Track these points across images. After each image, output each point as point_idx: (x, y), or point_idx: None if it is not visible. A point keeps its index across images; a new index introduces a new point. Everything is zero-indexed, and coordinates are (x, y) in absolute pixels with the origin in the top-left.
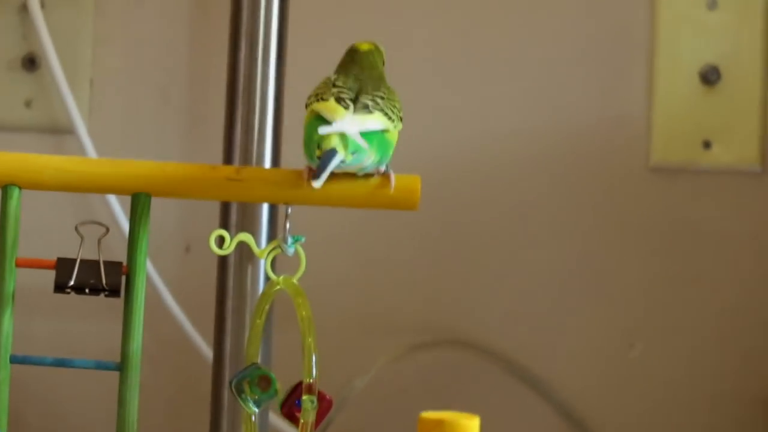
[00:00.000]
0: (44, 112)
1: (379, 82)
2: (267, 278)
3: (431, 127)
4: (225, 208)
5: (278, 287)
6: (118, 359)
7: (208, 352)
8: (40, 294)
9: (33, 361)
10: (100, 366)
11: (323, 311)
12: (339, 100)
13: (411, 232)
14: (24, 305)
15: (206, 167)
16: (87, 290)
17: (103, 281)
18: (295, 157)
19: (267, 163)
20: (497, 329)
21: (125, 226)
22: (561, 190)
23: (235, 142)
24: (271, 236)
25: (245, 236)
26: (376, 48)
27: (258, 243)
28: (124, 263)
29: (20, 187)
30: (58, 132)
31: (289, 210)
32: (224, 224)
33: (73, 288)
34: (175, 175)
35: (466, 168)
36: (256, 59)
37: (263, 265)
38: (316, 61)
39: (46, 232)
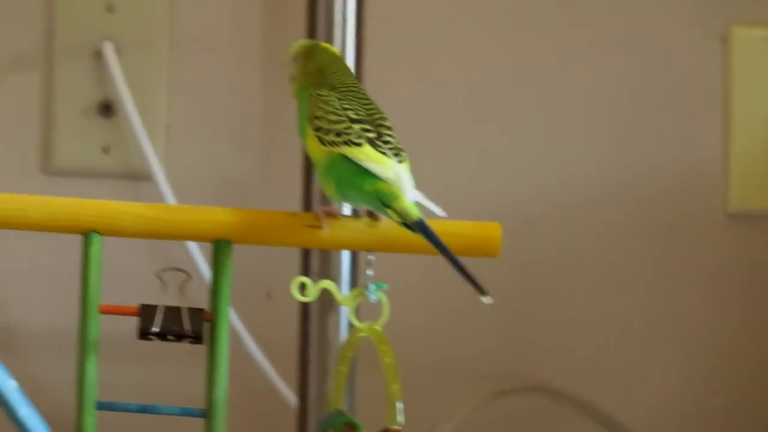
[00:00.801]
0: (121, 158)
1: (370, 99)
2: (350, 325)
3: (510, 174)
4: (306, 254)
5: (362, 334)
6: (199, 406)
7: (291, 398)
8: (123, 341)
9: (118, 407)
10: (185, 413)
11: (405, 358)
12: (388, 154)
13: (492, 279)
14: (107, 352)
15: (287, 214)
16: (170, 337)
17: (186, 328)
18: None
19: (346, 210)
20: (579, 375)
21: (205, 271)
22: (640, 235)
23: (314, 189)
24: (353, 283)
25: (328, 284)
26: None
27: (340, 289)
28: (206, 309)
29: (101, 234)
30: (136, 178)
31: (371, 257)
32: (305, 271)
33: (156, 334)
34: (255, 222)
35: (545, 214)
36: None
37: (345, 312)
38: (392, 105)
39: (126, 278)
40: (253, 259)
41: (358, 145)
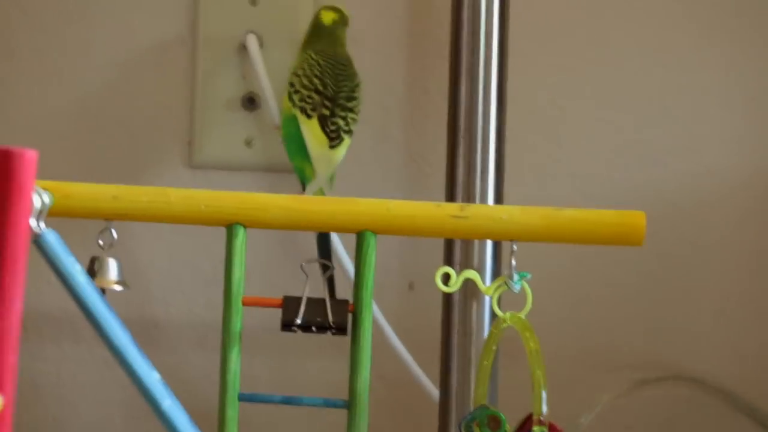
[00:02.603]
0: (264, 150)
1: (347, 74)
2: (492, 315)
3: (653, 163)
4: (449, 245)
5: (505, 324)
6: (342, 397)
7: (433, 390)
8: (264, 332)
9: (261, 399)
10: (329, 404)
11: (547, 348)
12: (330, 136)
13: (633, 267)
14: (250, 344)
15: (431, 205)
16: (314, 328)
17: (330, 319)
18: (519, 195)
19: (490, 200)
20: (722, 364)
21: (348, 263)
22: None
23: (458, 180)
24: (496, 273)
25: (471, 273)
26: (339, 16)
27: (483, 280)
28: (350, 300)
29: (245, 226)
30: (278, 170)
31: (515, 246)
32: (448, 261)
33: (299, 326)
34: (399, 214)
35: (687, 203)
36: (476, 96)
37: (488, 302)
38: (535, 96)
39: (269, 270)
40: (395, 250)
41: (309, 117)
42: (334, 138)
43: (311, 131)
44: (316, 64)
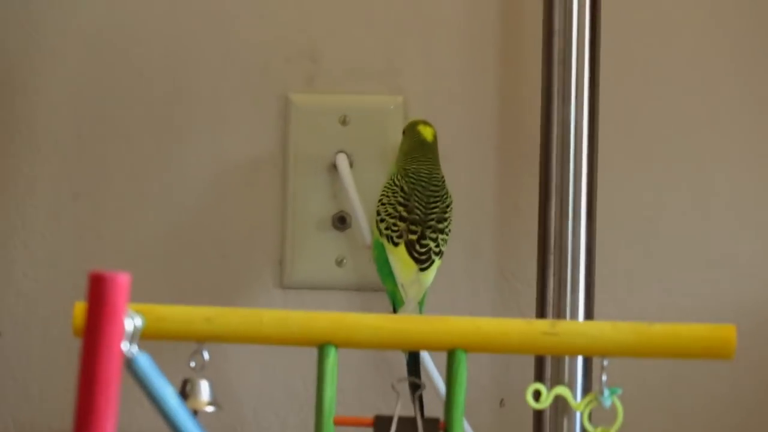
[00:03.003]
0: (355, 270)
1: (438, 195)
2: (583, 431)
3: (742, 275)
4: (539, 361)
5: None
6: None
7: None
8: None
9: None
10: None
11: None
12: (420, 259)
13: (724, 383)
14: None
15: (521, 322)
16: None
17: None
18: (610, 310)
19: (581, 316)
20: None
21: (438, 380)
22: None
23: (548, 296)
24: (586, 388)
25: (562, 390)
26: (435, 131)
27: (573, 395)
28: (441, 419)
29: (336, 346)
30: (370, 289)
31: (605, 362)
32: (539, 377)
33: None
34: (490, 331)
35: None
36: (567, 212)
37: (579, 418)
38: (623, 213)
39: (360, 388)
40: (486, 366)
41: (396, 244)
42: (424, 261)
43: (399, 258)
44: (399, 189)
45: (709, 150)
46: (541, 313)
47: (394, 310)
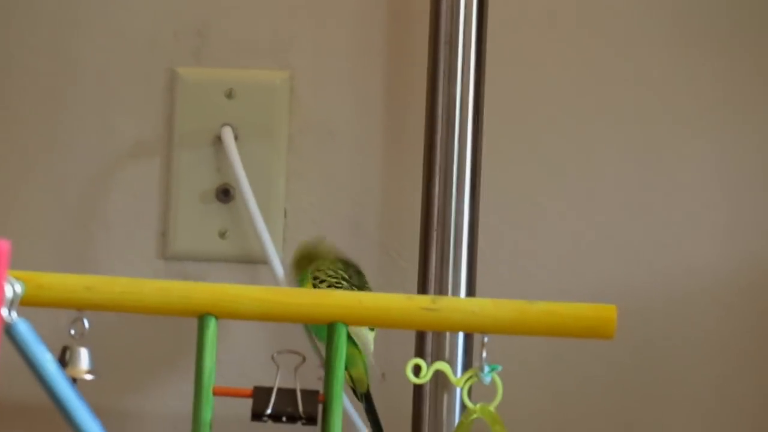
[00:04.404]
0: (238, 242)
1: (365, 281)
2: (463, 407)
3: (625, 259)
4: (420, 336)
5: (475, 416)
6: None
7: None
8: (236, 423)
9: None
10: None
11: None
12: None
13: (604, 363)
14: None
15: (402, 297)
16: (284, 418)
17: (300, 410)
18: (490, 287)
19: (462, 293)
20: None
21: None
22: (761, 322)
23: (430, 273)
24: (467, 365)
25: (442, 365)
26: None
27: (454, 371)
28: (320, 391)
29: (217, 317)
30: (252, 262)
31: (486, 339)
32: (420, 353)
33: (270, 416)
34: (371, 306)
35: (660, 298)
36: (450, 190)
37: (459, 394)
38: (510, 191)
39: (241, 361)
40: None
41: None
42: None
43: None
44: (338, 261)
45: (595, 132)
46: (423, 290)
47: (355, 394)
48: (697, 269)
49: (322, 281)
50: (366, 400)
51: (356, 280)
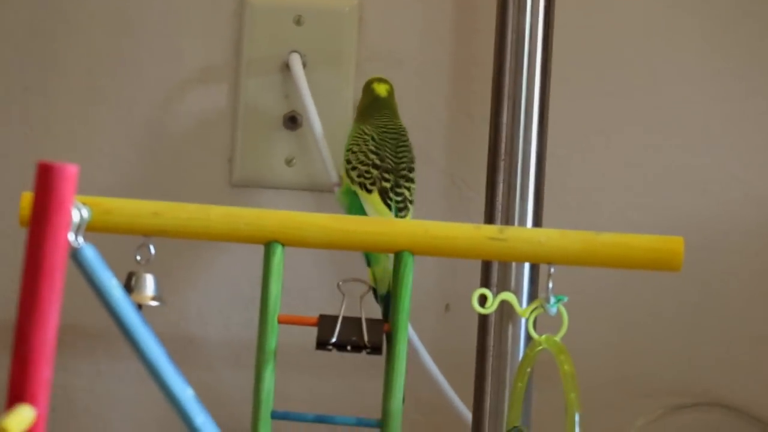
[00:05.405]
0: (305, 170)
1: (406, 146)
2: (528, 338)
3: (695, 190)
4: (486, 267)
5: (540, 347)
6: (375, 417)
7: (466, 412)
8: (300, 351)
9: (294, 417)
10: (361, 423)
11: (582, 371)
12: (392, 207)
13: (671, 295)
14: (284, 362)
15: (469, 227)
16: (348, 347)
17: (365, 339)
18: (558, 218)
19: (529, 223)
20: (757, 393)
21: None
22: None
23: (497, 203)
24: (532, 296)
25: (508, 295)
26: (391, 86)
27: (519, 302)
28: (386, 321)
29: (283, 245)
30: (318, 190)
31: (552, 269)
32: (485, 283)
33: (334, 345)
34: (438, 235)
35: (728, 231)
36: (518, 120)
37: (524, 325)
38: (578, 122)
39: (307, 289)
40: (433, 271)
41: (369, 191)
42: (401, 209)
43: (373, 205)
44: (370, 138)
45: (663, 62)
46: (489, 220)
47: (375, 296)
48: (762, 201)
49: (353, 168)
50: (384, 302)
51: (391, 156)
